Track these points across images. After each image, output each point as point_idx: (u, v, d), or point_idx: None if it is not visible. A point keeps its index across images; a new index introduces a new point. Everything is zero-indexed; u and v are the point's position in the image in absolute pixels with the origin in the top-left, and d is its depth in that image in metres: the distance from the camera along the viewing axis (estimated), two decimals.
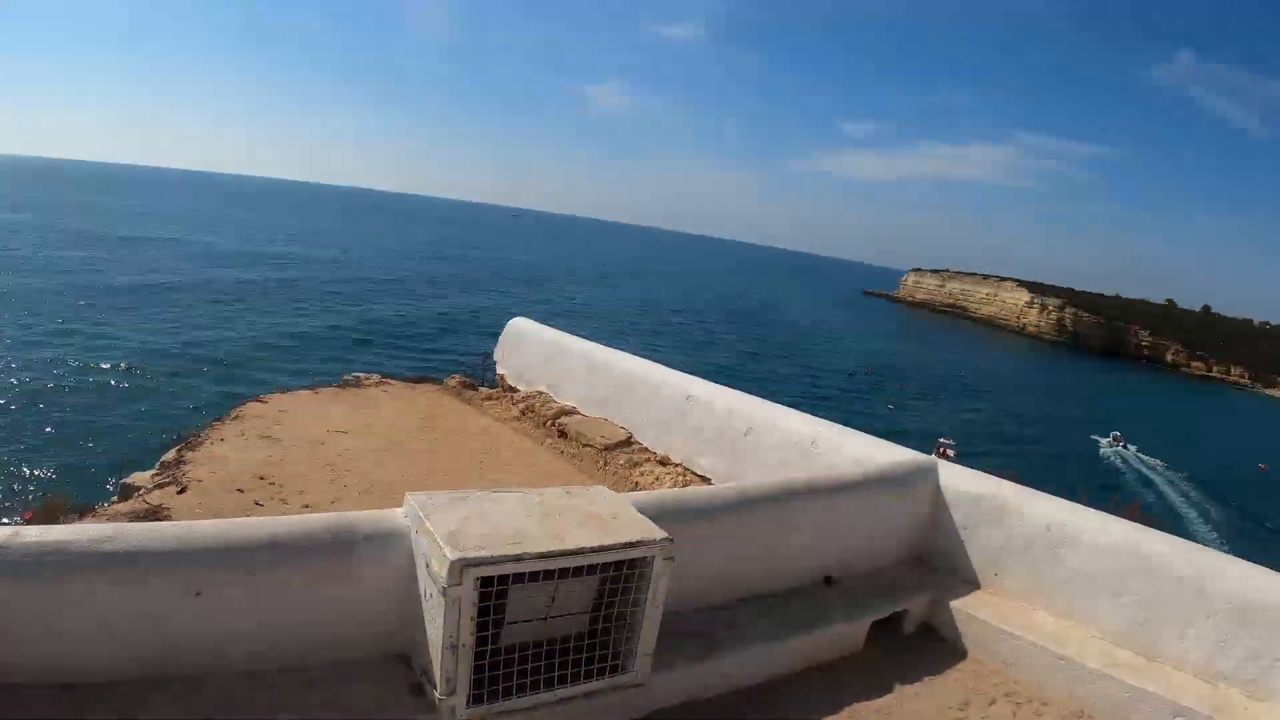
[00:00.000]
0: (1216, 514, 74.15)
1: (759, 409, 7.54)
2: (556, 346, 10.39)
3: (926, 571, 6.10)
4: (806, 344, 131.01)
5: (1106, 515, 5.69)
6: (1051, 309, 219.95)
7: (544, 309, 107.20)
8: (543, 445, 9.24)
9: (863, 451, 6.53)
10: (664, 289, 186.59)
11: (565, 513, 3.79)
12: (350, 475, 7.42)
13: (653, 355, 36.93)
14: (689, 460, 8.07)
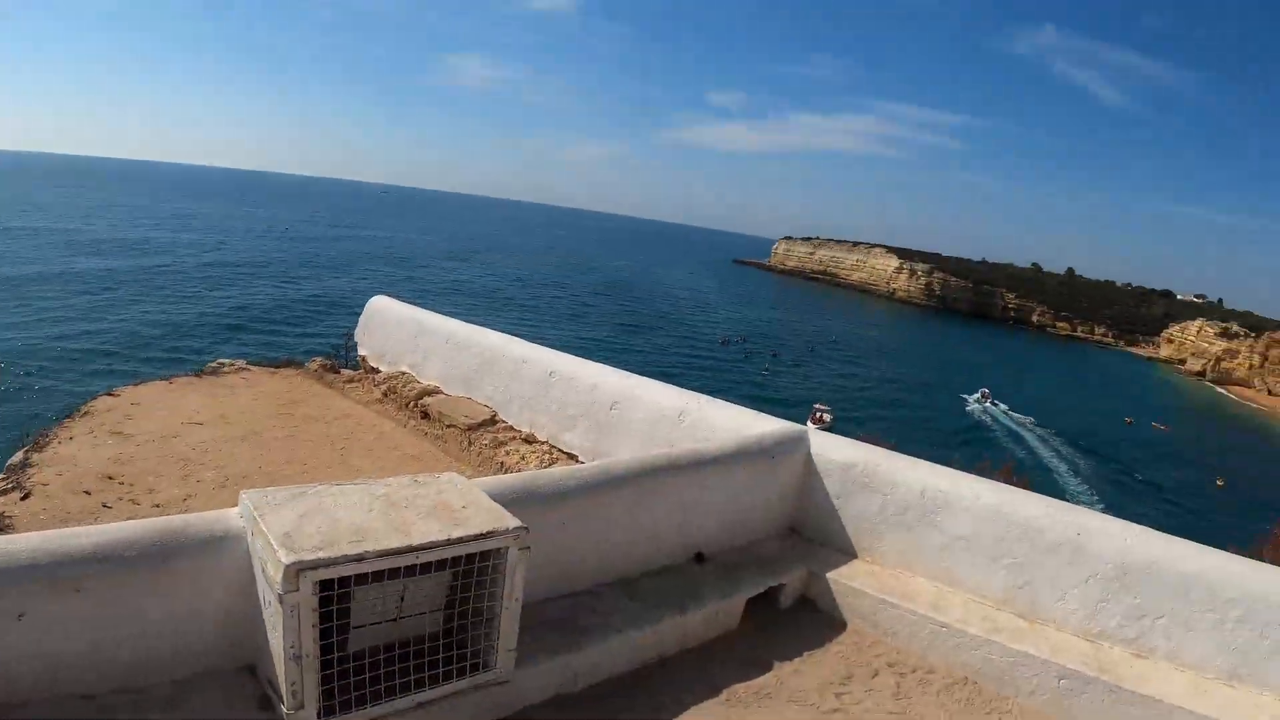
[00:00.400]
0: (1086, 468, 77.53)
1: (625, 382, 7.26)
2: (417, 325, 9.97)
3: (801, 543, 5.91)
4: (679, 314, 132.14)
5: (981, 479, 5.61)
6: (920, 274, 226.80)
7: (414, 287, 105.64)
8: (405, 427, 8.85)
9: (732, 422, 6.30)
10: (536, 263, 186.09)
11: (412, 504, 3.48)
12: (205, 469, 6.93)
13: (527, 331, 36.60)
14: (554, 437, 7.79)
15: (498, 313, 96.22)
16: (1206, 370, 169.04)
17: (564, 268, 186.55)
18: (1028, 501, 5.27)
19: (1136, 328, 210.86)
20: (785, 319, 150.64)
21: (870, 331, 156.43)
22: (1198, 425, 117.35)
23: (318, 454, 7.74)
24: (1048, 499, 5.35)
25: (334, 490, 3.51)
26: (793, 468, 5.88)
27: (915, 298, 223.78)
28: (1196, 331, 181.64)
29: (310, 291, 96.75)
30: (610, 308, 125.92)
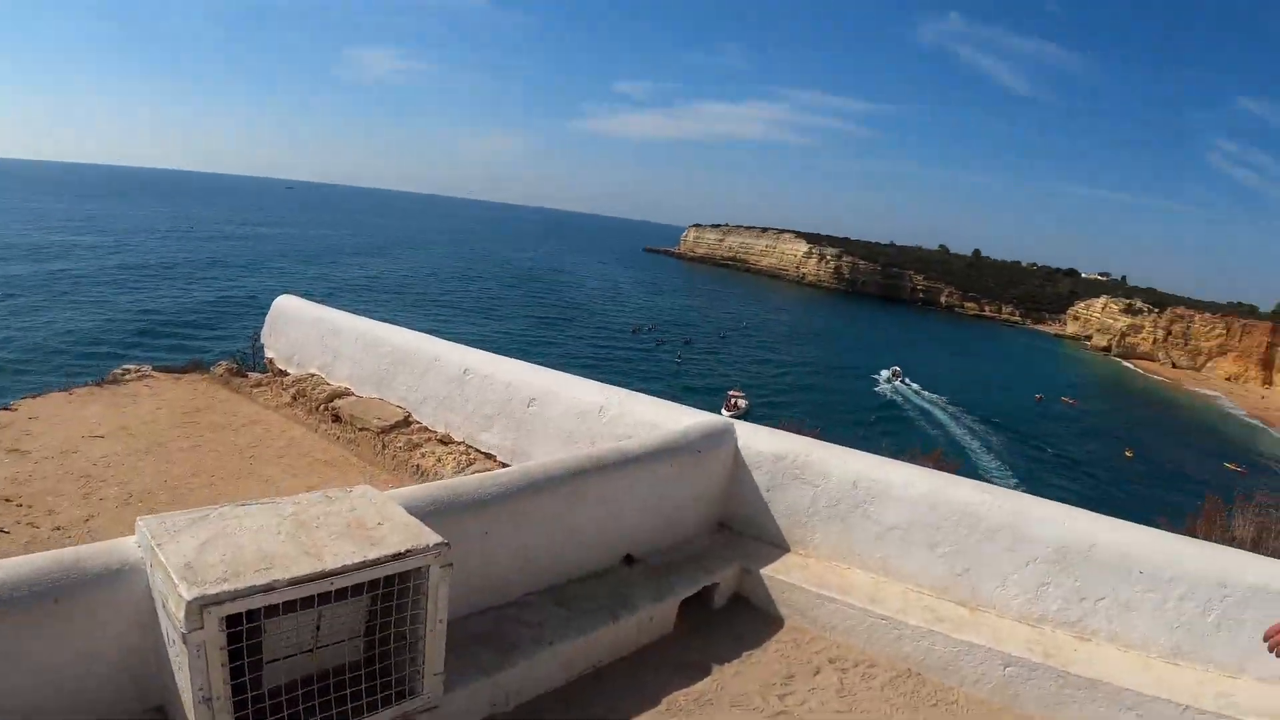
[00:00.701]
0: (999, 444, 79.20)
1: (542, 379, 7.02)
2: (325, 324, 9.60)
3: (732, 538, 5.76)
4: (591, 304, 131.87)
5: (914, 467, 5.54)
6: (829, 258, 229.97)
7: (324, 285, 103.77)
8: (317, 432, 8.51)
9: (654, 416, 6.12)
10: (448, 257, 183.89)
11: (324, 523, 3.22)
12: (107, 486, 6.53)
13: (440, 326, 36.15)
14: (471, 437, 7.52)
15: (409, 309, 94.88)
16: (1112, 346, 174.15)
17: (475, 260, 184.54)
18: (962, 487, 5.20)
19: (1043, 306, 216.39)
20: (696, 306, 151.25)
21: (781, 316, 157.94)
22: (1105, 399, 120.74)
23: (225, 464, 7.38)
24: (983, 484, 5.29)
25: (238, 512, 3.23)
26: (720, 461, 5.72)
27: (825, 282, 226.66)
28: (1101, 308, 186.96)
29: (219, 291, 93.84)
30: (522, 300, 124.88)
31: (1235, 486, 51.57)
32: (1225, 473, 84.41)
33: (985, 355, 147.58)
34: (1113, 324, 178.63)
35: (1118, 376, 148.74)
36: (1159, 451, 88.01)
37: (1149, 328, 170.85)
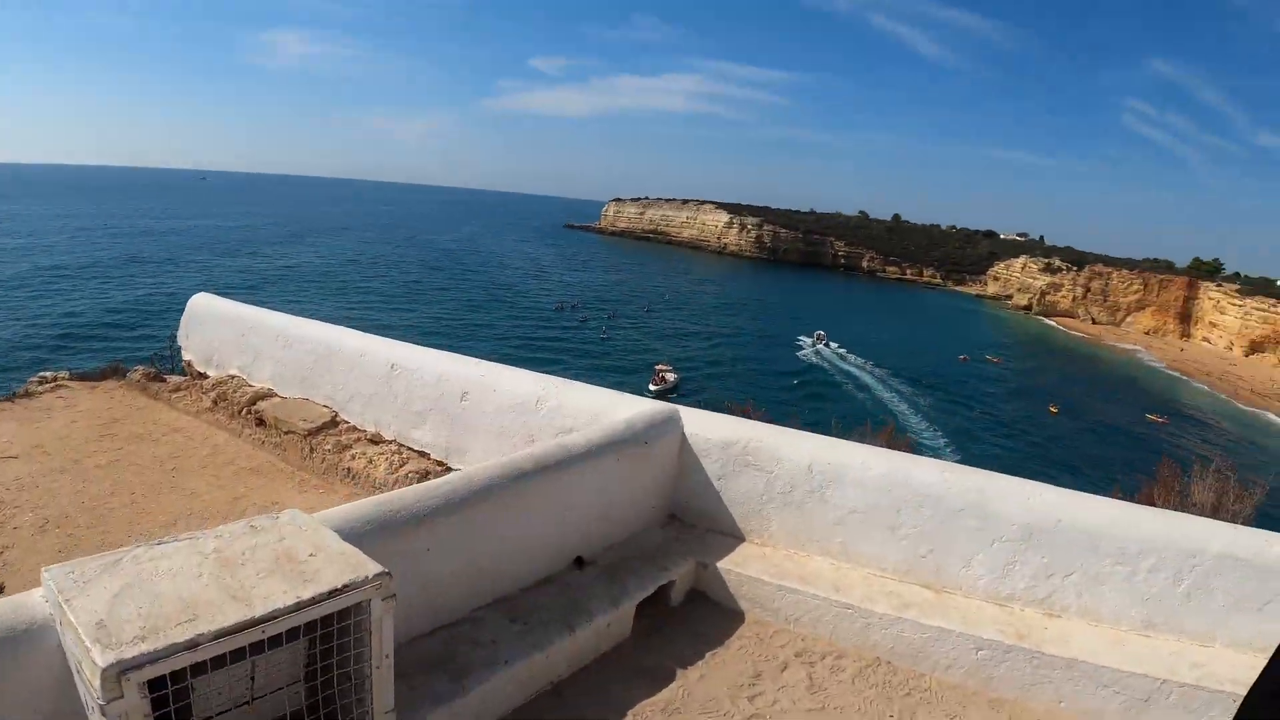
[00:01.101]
0: (926, 405, 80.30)
1: (474, 370, 6.72)
2: (244, 322, 9.16)
3: (684, 531, 5.56)
4: (512, 283, 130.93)
5: (870, 448, 5.38)
6: (750, 228, 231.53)
7: (246, 278, 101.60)
8: (241, 437, 8.12)
9: (594, 406, 5.88)
10: (370, 242, 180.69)
11: (250, 559, 2.87)
12: (21, 512, 6.11)
13: (364, 314, 35.41)
14: (403, 435, 7.21)
15: (333, 298, 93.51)
16: (1033, 304, 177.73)
17: (396, 244, 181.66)
18: (923, 467, 5.07)
19: (963, 268, 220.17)
20: (620, 281, 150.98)
21: (705, 287, 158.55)
22: (1028, 357, 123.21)
23: (146, 479, 6.99)
24: (943, 463, 5.16)
25: (155, 553, 2.87)
26: (668, 452, 5.51)
27: (746, 251, 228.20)
28: (1021, 268, 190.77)
29: (139, 290, 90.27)
30: (444, 282, 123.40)
31: (1160, 436, 52.86)
32: (1148, 424, 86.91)
33: (908, 318, 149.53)
34: (1032, 283, 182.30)
35: (1040, 334, 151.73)
36: (1083, 406, 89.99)
37: (1068, 286, 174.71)
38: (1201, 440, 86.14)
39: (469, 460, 6.52)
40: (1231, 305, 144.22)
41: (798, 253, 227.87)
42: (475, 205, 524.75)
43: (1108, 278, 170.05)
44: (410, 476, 6.61)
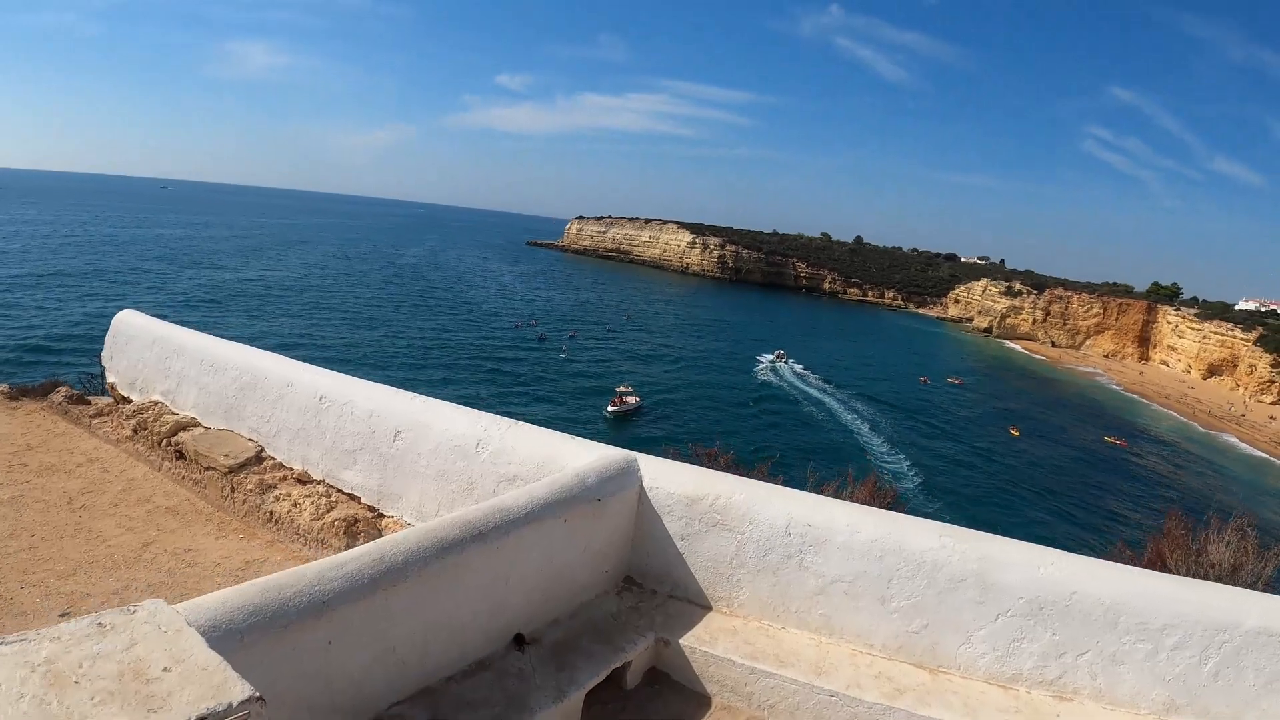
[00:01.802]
0: (887, 426, 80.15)
1: (409, 406, 6.00)
2: (167, 344, 8.35)
3: (643, 598, 4.87)
4: (473, 301, 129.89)
5: (856, 508, 4.75)
6: (713, 248, 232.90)
7: (200, 291, 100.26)
8: (160, 471, 7.35)
9: (542, 452, 5.20)
10: (327, 258, 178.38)
11: (88, 674, 2.16)
12: None
13: (322, 332, 34.41)
14: (332, 475, 6.48)
15: (289, 315, 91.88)
16: (993, 327, 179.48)
17: (355, 259, 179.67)
18: (918, 531, 4.44)
19: (924, 290, 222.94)
20: (581, 300, 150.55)
21: (667, 307, 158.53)
22: (989, 379, 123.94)
23: (51, 519, 6.22)
24: (942, 526, 4.53)
25: None
26: (624, 508, 4.83)
27: (709, 271, 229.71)
28: (982, 291, 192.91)
29: (88, 304, 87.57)
30: (402, 298, 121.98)
31: (1120, 459, 52.99)
32: (1107, 446, 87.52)
33: (870, 340, 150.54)
34: (993, 306, 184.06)
35: (1000, 357, 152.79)
36: (1044, 428, 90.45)
37: (1028, 309, 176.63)
38: (1161, 461, 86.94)
39: (403, 507, 5.84)
40: (1190, 329, 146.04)
41: (760, 273, 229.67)
42: (436, 221, 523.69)
43: (1067, 301, 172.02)
44: (336, 525, 5.91)
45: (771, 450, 63.51)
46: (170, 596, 4.95)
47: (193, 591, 5.02)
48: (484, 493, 5.26)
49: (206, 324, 76.59)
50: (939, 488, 61.73)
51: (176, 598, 3.49)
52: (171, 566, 5.46)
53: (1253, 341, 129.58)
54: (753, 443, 64.46)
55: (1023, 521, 55.92)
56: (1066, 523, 57.58)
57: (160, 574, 5.34)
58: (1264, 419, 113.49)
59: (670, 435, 60.96)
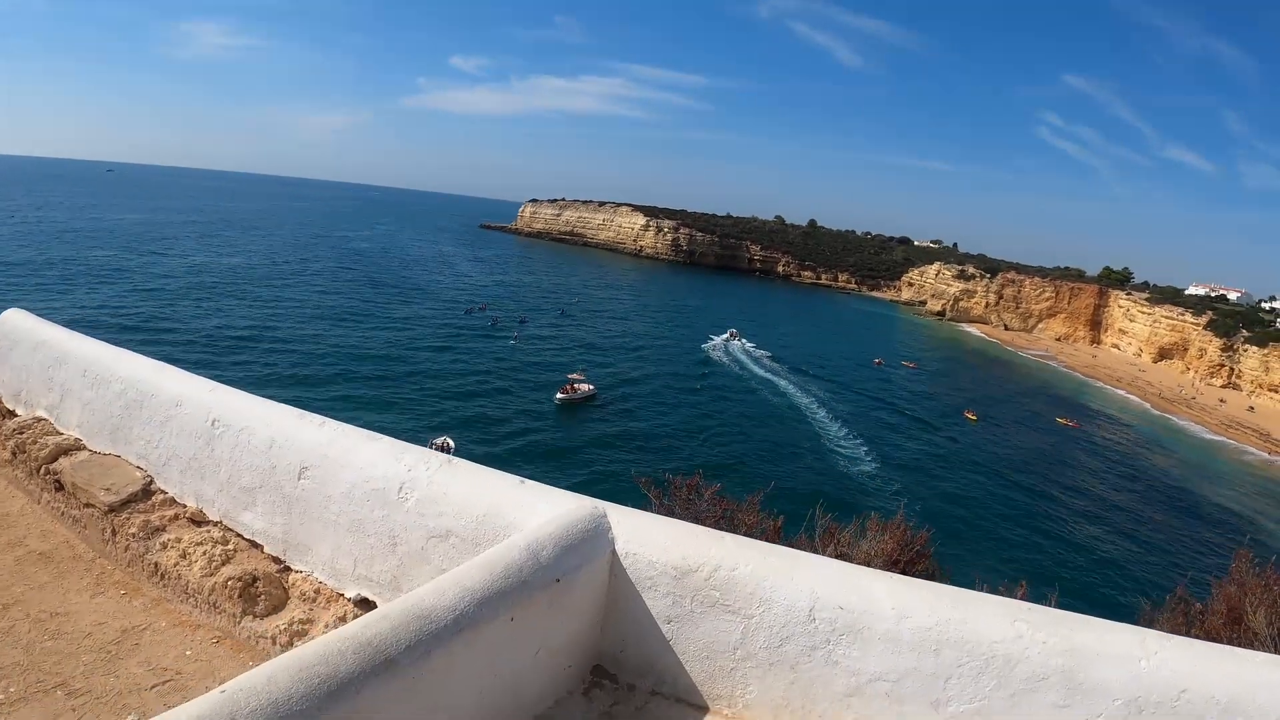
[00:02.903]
0: (843, 410, 79.75)
1: (315, 435, 4.77)
2: (52, 350, 6.92)
3: (619, 698, 3.71)
4: (424, 285, 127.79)
5: (902, 582, 3.53)
6: (667, 230, 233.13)
7: (142, 276, 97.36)
8: (40, 503, 6.04)
9: (483, 501, 4.02)
10: (279, 242, 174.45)
11: None
12: None
13: (267, 330, 32.96)
14: (230, 516, 5.21)
15: (239, 301, 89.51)
16: (946, 310, 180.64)
17: (307, 244, 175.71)
18: (987, 616, 3.29)
19: (878, 273, 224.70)
20: (534, 283, 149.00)
21: (620, 290, 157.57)
22: (943, 362, 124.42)
23: None
24: (1011, 603, 3.41)
25: None
26: (592, 583, 3.64)
27: (663, 254, 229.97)
28: (935, 274, 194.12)
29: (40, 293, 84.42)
30: (352, 283, 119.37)
31: (1074, 439, 53.28)
32: (1060, 428, 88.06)
33: (824, 323, 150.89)
34: (946, 289, 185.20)
35: (953, 340, 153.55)
36: (999, 412, 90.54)
37: (981, 292, 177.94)
38: (1114, 443, 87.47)
39: (314, 560, 4.66)
40: (1141, 313, 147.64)
41: (714, 256, 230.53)
42: (390, 204, 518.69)
43: (1020, 285, 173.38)
44: (231, 585, 4.73)
45: (725, 434, 63.11)
46: (23, 687, 3.83)
47: (50, 677, 3.92)
48: (410, 550, 4.13)
49: (148, 318, 74.92)
50: (896, 470, 61.32)
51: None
52: (32, 639, 4.26)
53: (1203, 326, 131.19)
54: (708, 428, 63.89)
55: (984, 508, 55.80)
56: (1030, 499, 57.73)
57: (17, 650, 4.15)
58: (1214, 402, 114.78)
59: (624, 432, 60.13)
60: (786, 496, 50.00)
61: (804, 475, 55.49)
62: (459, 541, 3.91)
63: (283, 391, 56.10)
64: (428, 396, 62.33)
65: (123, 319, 72.33)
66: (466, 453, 48.37)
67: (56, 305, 71.37)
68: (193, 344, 67.79)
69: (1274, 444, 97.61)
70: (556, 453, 53.13)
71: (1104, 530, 56.48)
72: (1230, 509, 69.66)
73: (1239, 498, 74.66)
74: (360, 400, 58.60)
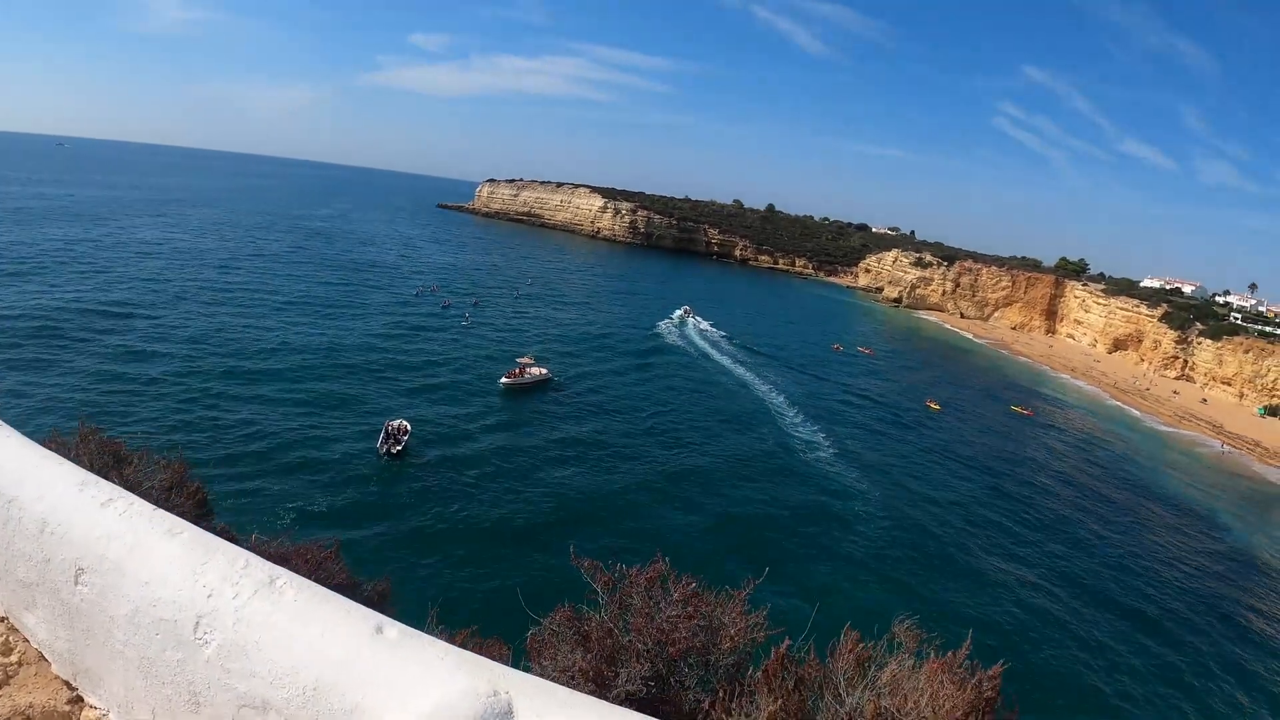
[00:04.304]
0: (800, 396, 78.35)
1: (94, 523, 3.13)
2: None
3: None
4: (377, 265, 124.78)
5: None
6: (625, 213, 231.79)
7: (98, 256, 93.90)
8: None
9: (312, 665, 2.46)
10: (236, 217, 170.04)
11: None
12: None
13: (221, 297, 30.59)
14: (14, 615, 3.61)
15: (191, 280, 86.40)
16: (903, 297, 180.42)
17: (261, 223, 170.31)
18: None
19: (835, 259, 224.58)
20: (489, 264, 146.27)
21: (576, 272, 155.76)
22: (900, 349, 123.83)
23: None
24: None
25: None
26: None
27: (620, 236, 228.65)
28: (892, 261, 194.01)
29: None
30: (304, 261, 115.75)
31: (1030, 429, 52.25)
32: (1015, 416, 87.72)
33: (781, 307, 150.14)
34: (903, 276, 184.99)
35: (909, 327, 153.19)
36: (958, 401, 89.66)
37: (938, 280, 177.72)
38: (1066, 430, 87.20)
39: (108, 696, 3.17)
40: (1096, 304, 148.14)
41: (671, 239, 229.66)
42: (347, 182, 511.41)
43: (977, 274, 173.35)
44: None
45: (682, 427, 61.04)
46: None
47: None
48: (216, 716, 2.63)
49: (89, 305, 71.43)
50: (853, 457, 59.90)
51: None
52: None
53: (1158, 318, 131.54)
54: (664, 423, 61.64)
55: (944, 492, 54.56)
56: (987, 490, 56.55)
57: None
58: (1168, 394, 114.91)
59: (573, 421, 57.78)
60: (764, 504, 47.91)
61: (774, 479, 53.76)
62: (279, 718, 2.43)
63: (208, 384, 53.87)
64: (368, 383, 59.02)
65: (57, 305, 69.48)
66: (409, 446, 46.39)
67: None
68: (127, 329, 65.12)
69: (1226, 436, 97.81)
70: (495, 452, 49.26)
71: (1066, 519, 55.59)
72: (1186, 499, 69.24)
73: (1195, 488, 74.36)
74: (296, 391, 55.00)
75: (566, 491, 44.60)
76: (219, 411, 48.38)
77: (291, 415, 49.62)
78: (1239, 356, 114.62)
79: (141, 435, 40.17)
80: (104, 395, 48.07)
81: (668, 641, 5.36)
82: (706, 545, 39.70)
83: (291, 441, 45.34)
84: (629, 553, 7.23)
